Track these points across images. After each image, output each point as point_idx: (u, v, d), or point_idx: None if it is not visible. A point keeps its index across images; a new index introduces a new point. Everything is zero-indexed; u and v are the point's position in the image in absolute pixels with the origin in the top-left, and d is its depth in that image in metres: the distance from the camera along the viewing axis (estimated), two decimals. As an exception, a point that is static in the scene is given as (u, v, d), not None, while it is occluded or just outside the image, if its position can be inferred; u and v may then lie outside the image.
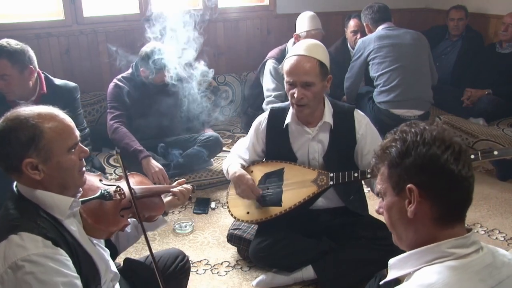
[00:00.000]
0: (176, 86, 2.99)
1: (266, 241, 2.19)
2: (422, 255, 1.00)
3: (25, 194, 1.30)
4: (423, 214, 1.01)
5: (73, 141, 1.34)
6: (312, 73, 2.06)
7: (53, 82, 2.65)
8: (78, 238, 1.33)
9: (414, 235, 1.04)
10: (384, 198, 1.09)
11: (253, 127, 2.34)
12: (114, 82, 3.05)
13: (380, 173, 1.09)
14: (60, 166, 1.30)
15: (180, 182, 1.87)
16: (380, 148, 1.09)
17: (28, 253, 1.16)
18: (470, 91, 3.91)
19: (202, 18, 2.79)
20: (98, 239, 1.48)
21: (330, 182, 2.09)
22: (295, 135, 2.23)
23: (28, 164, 1.26)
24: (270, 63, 3.58)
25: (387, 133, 1.13)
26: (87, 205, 1.43)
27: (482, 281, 0.94)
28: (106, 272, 1.43)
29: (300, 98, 2.07)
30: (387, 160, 1.06)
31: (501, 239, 2.63)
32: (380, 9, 3.57)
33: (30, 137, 1.26)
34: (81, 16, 3.56)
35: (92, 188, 1.51)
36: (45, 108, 1.34)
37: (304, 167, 2.20)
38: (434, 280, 0.93)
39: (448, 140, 1.01)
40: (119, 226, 1.49)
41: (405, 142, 1.02)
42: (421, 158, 1.00)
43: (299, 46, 2.14)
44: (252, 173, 2.28)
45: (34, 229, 1.21)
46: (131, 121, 3.05)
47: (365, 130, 2.18)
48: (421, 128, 1.04)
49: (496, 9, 4.33)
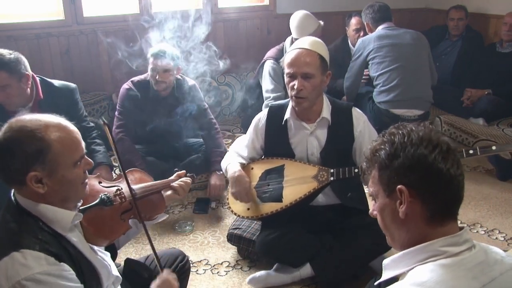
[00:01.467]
0: (181, 91, 2.97)
1: (275, 233, 2.20)
2: (415, 255, 1.01)
3: (24, 206, 1.25)
4: (415, 214, 1.02)
5: (80, 154, 1.30)
6: (312, 65, 2.09)
7: (52, 84, 2.60)
8: (81, 249, 1.31)
9: (407, 235, 1.05)
10: (377, 200, 1.11)
11: (252, 124, 2.36)
12: (128, 86, 2.96)
13: (371, 176, 1.11)
14: (65, 179, 1.26)
15: (180, 174, 1.83)
16: (370, 151, 1.11)
17: (32, 272, 1.14)
18: (470, 91, 3.91)
19: (201, 18, 2.80)
20: (100, 246, 1.47)
21: (331, 178, 2.11)
22: (294, 131, 2.25)
23: (33, 178, 1.21)
24: (268, 63, 3.55)
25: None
26: (87, 214, 1.40)
27: (475, 279, 0.95)
28: (108, 278, 1.42)
29: (299, 89, 2.09)
30: (377, 163, 1.08)
31: (501, 239, 2.63)
32: (381, 9, 3.56)
33: (37, 150, 1.21)
34: (81, 16, 3.56)
35: (92, 193, 1.47)
36: (52, 118, 1.29)
37: (304, 163, 2.21)
38: (427, 278, 0.94)
39: (435, 139, 1.03)
40: (120, 231, 1.48)
41: (393, 144, 1.04)
42: (409, 159, 1.01)
43: (300, 41, 2.18)
44: (252, 170, 2.29)
45: (36, 245, 1.18)
46: (136, 126, 2.99)
47: (363, 128, 2.21)
48: (408, 129, 1.06)
49: (496, 9, 4.33)
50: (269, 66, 3.53)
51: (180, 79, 3.01)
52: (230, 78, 4.13)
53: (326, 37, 3.59)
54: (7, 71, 2.31)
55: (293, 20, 3.50)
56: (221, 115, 4.11)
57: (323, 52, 2.14)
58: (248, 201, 2.21)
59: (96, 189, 1.52)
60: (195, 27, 2.83)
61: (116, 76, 3.51)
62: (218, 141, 3.07)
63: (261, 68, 3.64)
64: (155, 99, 2.94)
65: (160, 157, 3.01)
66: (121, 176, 1.69)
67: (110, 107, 3.71)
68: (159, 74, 2.83)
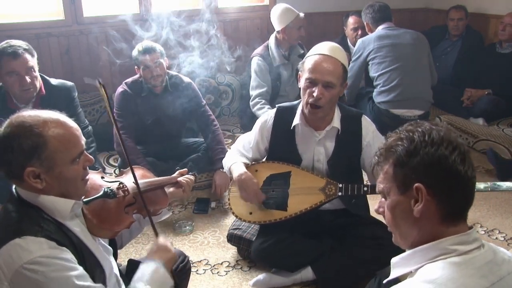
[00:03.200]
0: (176, 87, 2.98)
1: (269, 241, 2.18)
2: (425, 253, 1.02)
3: (25, 198, 1.27)
4: (429, 213, 1.02)
5: (78, 150, 1.30)
6: (335, 74, 2.02)
7: (49, 82, 2.64)
8: (82, 239, 1.32)
9: (418, 233, 1.04)
10: (388, 197, 1.09)
11: (257, 125, 2.29)
12: (122, 88, 2.95)
13: (383, 172, 1.09)
14: (63, 176, 1.27)
15: (182, 172, 1.82)
16: (384, 146, 1.09)
17: (33, 255, 1.15)
18: (470, 91, 3.91)
19: (201, 18, 2.80)
20: (104, 238, 1.47)
21: (339, 193, 2.08)
22: (302, 138, 2.19)
23: (30, 173, 1.22)
24: (255, 60, 3.55)
25: (388, 132, 1.12)
26: (91, 205, 1.41)
27: (484, 277, 0.96)
28: (111, 271, 1.43)
29: (319, 97, 2.01)
30: (392, 159, 1.06)
31: (501, 239, 2.63)
32: (381, 9, 3.57)
33: (33, 146, 1.22)
34: (81, 16, 3.56)
35: (95, 187, 1.49)
36: (52, 114, 1.30)
37: (312, 173, 2.17)
38: (437, 276, 0.95)
39: (454, 141, 1.02)
40: (124, 223, 1.48)
41: (413, 142, 1.03)
42: (430, 158, 1.00)
43: (322, 47, 2.09)
44: (256, 172, 2.24)
45: (37, 232, 1.19)
46: (136, 126, 2.98)
47: (371, 138, 2.15)
48: (427, 127, 1.05)
49: (496, 9, 4.33)
50: (255, 63, 3.54)
51: (173, 75, 3.01)
52: (230, 78, 4.13)
53: (326, 37, 3.59)
54: (30, 54, 2.46)
55: (273, 12, 3.53)
56: (221, 115, 4.11)
57: (344, 62, 2.07)
58: (259, 201, 2.16)
59: (99, 183, 1.53)
60: (195, 27, 2.84)
61: (116, 76, 3.52)
62: (219, 138, 3.06)
63: (248, 66, 3.65)
64: (151, 98, 2.95)
65: (160, 157, 3.01)
66: (123, 172, 1.70)
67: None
68: (154, 69, 2.83)
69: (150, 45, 2.81)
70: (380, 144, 2.16)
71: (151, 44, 2.82)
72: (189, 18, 2.86)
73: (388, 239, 1.15)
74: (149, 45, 2.81)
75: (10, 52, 2.40)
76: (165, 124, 3.02)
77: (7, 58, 2.40)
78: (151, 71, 2.83)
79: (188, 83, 3.05)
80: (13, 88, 2.46)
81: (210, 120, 3.09)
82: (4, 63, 2.41)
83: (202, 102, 3.11)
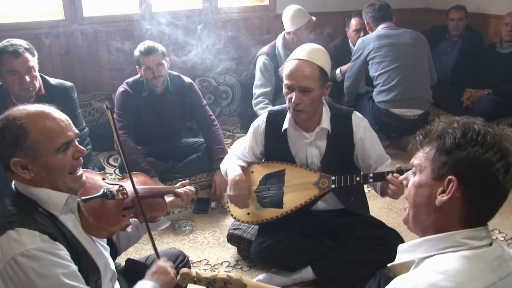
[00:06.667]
0: (176, 87, 2.97)
1: (268, 241, 2.19)
2: (435, 243, 1.02)
3: (21, 191, 1.30)
4: (452, 208, 1.01)
5: (63, 140, 1.30)
6: (311, 79, 2.02)
7: (49, 82, 2.65)
8: (75, 235, 1.33)
9: (433, 222, 1.04)
10: (418, 174, 1.08)
11: (251, 130, 2.32)
12: (123, 87, 2.95)
13: (424, 151, 1.07)
14: (49, 166, 1.28)
15: (184, 183, 1.86)
16: (435, 128, 1.07)
17: (26, 248, 1.17)
18: (470, 91, 3.91)
19: (201, 18, 2.80)
20: (99, 238, 1.48)
21: (332, 186, 2.08)
22: (293, 140, 2.22)
23: (17, 163, 1.26)
24: (261, 58, 3.55)
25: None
26: (89, 204, 1.43)
27: (493, 271, 0.97)
28: (106, 269, 1.44)
29: (297, 103, 2.04)
30: (437, 143, 1.04)
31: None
32: (381, 8, 3.57)
33: (15, 137, 1.25)
34: (81, 16, 3.56)
35: (95, 187, 1.51)
36: (38, 107, 1.33)
37: (305, 169, 2.19)
38: (449, 267, 0.96)
39: (505, 150, 1.00)
40: (120, 225, 1.49)
41: (465, 136, 1.01)
42: (475, 158, 0.98)
43: (301, 50, 2.09)
44: (252, 174, 2.28)
45: (31, 224, 1.22)
46: (136, 126, 2.99)
47: (363, 133, 2.16)
48: (484, 127, 1.02)
49: (496, 9, 4.33)
50: (261, 62, 3.53)
51: (174, 75, 3.01)
52: (230, 78, 4.13)
53: (326, 37, 3.59)
54: (31, 53, 2.47)
55: (286, 12, 3.52)
56: (221, 115, 4.11)
57: (323, 63, 2.05)
58: (243, 207, 2.19)
59: (100, 184, 1.55)
60: (195, 27, 2.84)
61: (116, 76, 3.52)
62: (219, 138, 3.06)
63: (254, 64, 3.64)
64: (152, 97, 2.94)
65: (160, 157, 3.01)
66: (125, 176, 1.70)
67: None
68: (155, 70, 2.82)
69: (152, 46, 2.81)
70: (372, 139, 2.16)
71: (153, 45, 2.82)
72: (189, 18, 2.86)
73: (388, 239, 1.15)
74: (151, 45, 2.81)
75: (11, 50, 2.41)
76: (166, 124, 3.02)
77: (7, 56, 2.41)
78: (153, 72, 2.83)
79: (189, 83, 3.05)
80: (12, 86, 2.47)
81: (210, 120, 3.09)
82: (4, 61, 2.42)
83: (203, 102, 3.11)
